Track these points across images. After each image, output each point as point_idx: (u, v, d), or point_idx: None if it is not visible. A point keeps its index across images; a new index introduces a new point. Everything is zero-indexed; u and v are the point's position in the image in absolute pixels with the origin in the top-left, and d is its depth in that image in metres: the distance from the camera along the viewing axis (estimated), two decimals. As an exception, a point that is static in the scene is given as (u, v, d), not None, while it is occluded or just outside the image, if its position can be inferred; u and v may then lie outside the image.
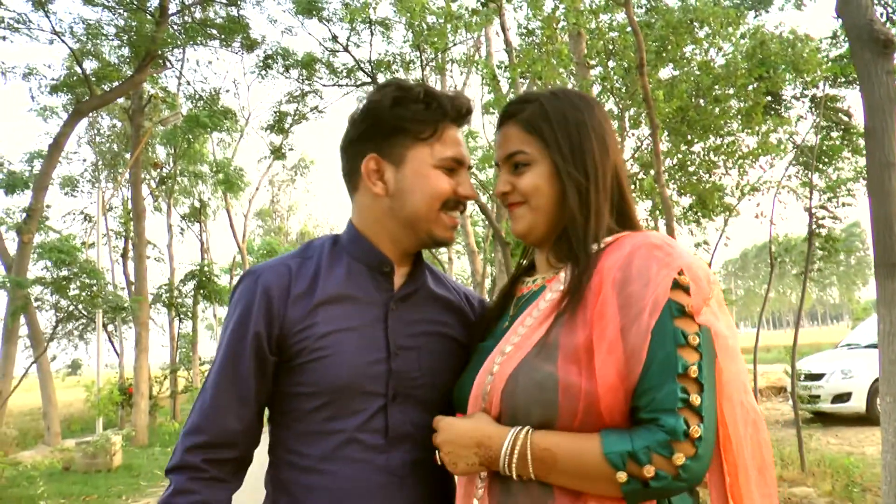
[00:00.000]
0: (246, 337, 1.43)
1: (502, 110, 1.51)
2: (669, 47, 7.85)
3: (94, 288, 11.79)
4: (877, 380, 10.84)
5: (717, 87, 8.37)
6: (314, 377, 1.43)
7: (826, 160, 9.64)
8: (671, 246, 1.31)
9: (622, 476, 1.16)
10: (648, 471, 1.15)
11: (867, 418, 10.96)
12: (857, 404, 11.30)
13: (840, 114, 9.79)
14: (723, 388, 1.25)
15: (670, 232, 6.45)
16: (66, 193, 20.58)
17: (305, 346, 1.43)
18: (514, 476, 1.26)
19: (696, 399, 1.18)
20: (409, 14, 10.49)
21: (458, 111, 1.50)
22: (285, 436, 1.49)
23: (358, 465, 1.43)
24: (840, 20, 5.09)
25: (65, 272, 11.78)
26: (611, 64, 9.36)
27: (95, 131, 20.98)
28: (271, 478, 1.52)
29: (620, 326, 1.21)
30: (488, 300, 1.73)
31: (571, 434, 1.22)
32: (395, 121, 1.47)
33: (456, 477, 1.42)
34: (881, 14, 9.03)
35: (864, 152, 4.43)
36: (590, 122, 1.43)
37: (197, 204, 23.12)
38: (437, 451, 1.37)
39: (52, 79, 15.72)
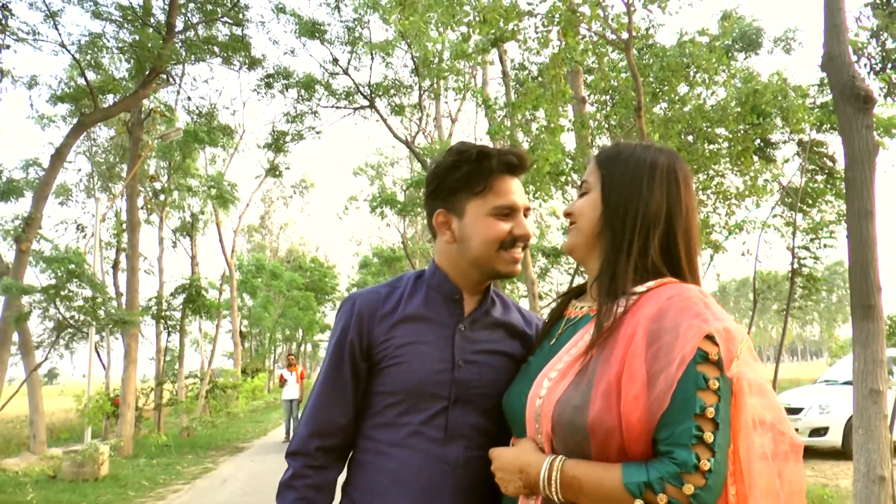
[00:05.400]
0: (344, 347, 1.79)
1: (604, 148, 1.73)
2: (666, 87, 8.19)
3: (98, 299, 11.90)
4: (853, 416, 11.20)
5: (708, 126, 8.70)
6: (391, 379, 1.76)
7: (810, 202, 9.98)
8: (705, 304, 1.42)
9: (639, 503, 1.30)
10: (661, 499, 1.28)
11: (843, 452, 11.21)
12: (834, 439, 11.55)
13: (825, 158, 10.14)
14: (740, 427, 1.36)
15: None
16: (60, 203, 20.69)
17: (386, 353, 1.76)
18: (555, 499, 1.41)
19: (709, 437, 1.31)
20: (415, 38, 10.77)
21: (505, 165, 1.77)
22: (365, 425, 1.80)
23: (419, 453, 1.72)
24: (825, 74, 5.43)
25: (73, 283, 11.87)
26: (606, 99, 9.74)
27: (92, 142, 21.11)
28: (350, 459, 1.84)
29: (647, 379, 1.34)
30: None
31: (597, 464, 1.37)
32: (453, 182, 1.79)
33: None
34: (865, 65, 9.44)
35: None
36: (653, 165, 1.56)
37: (189, 218, 23.22)
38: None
39: (52, 88, 15.93)
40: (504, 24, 6.44)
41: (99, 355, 18.50)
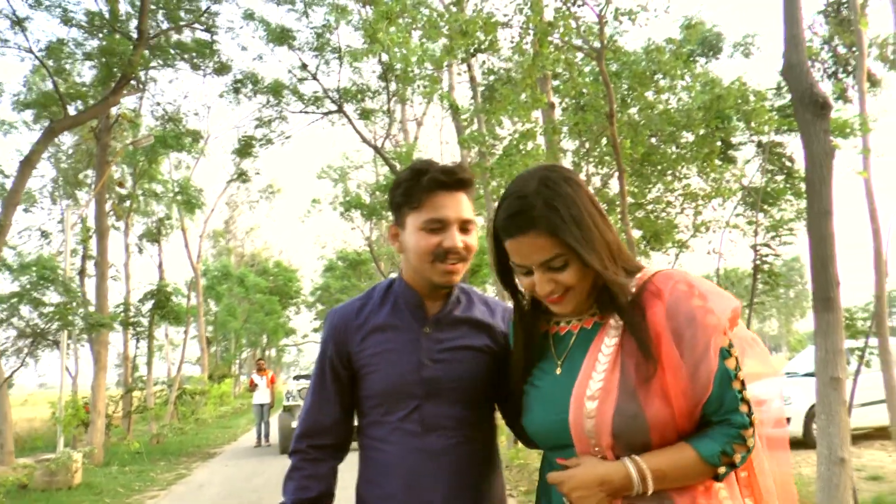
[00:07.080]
0: (325, 358, 2.04)
1: (509, 221, 1.65)
2: (635, 94, 8.53)
3: (73, 304, 11.84)
4: (813, 406, 11.52)
5: (674, 130, 9.06)
6: (369, 385, 1.99)
7: (771, 201, 10.39)
8: (697, 284, 1.62)
9: (722, 469, 1.57)
10: (737, 458, 1.57)
11: (804, 442, 11.60)
12: (795, 429, 11.92)
13: (784, 159, 10.58)
14: None
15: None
16: (25, 210, 20.41)
17: (362, 363, 1.99)
18: (648, 492, 1.57)
19: (747, 393, 1.60)
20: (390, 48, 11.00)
21: (435, 182, 1.87)
22: (362, 423, 2.06)
23: (401, 447, 1.94)
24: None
25: (41, 288, 11.80)
26: (575, 104, 10.06)
27: (57, 148, 20.86)
28: (358, 455, 2.08)
29: (689, 372, 1.54)
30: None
31: (667, 450, 1.58)
32: (397, 197, 1.95)
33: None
34: (819, 70, 9.90)
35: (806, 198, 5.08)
36: (583, 202, 1.65)
37: (155, 224, 23.05)
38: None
39: (15, 95, 15.76)
40: (484, 35, 6.69)
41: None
